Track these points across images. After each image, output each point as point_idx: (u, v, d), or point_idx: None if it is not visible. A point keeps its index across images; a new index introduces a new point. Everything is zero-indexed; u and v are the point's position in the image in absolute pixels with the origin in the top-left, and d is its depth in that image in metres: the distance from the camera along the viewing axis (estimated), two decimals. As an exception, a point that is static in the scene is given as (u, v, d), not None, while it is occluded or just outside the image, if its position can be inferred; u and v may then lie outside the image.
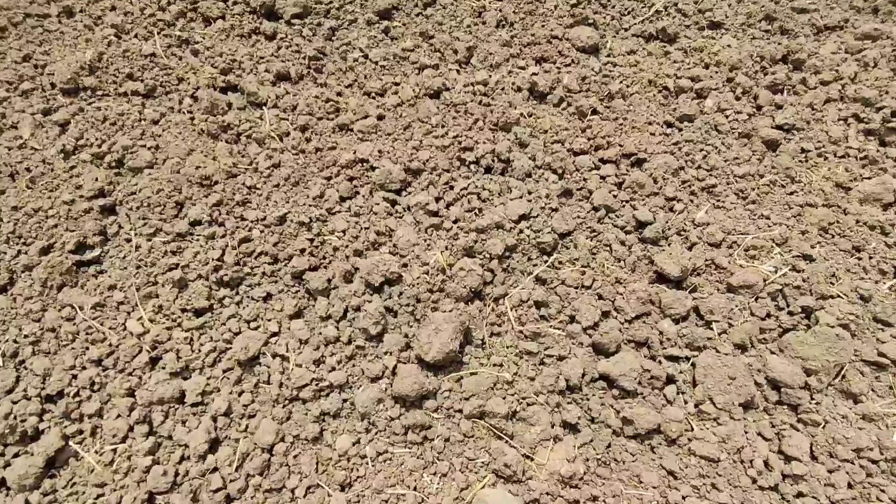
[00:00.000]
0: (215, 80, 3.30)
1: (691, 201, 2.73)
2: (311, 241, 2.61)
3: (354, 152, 2.89)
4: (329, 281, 2.48)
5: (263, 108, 3.16)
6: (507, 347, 2.29)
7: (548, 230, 2.52)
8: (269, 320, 2.42)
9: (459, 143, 2.89)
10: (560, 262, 2.49)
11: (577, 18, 3.64)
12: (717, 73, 3.29)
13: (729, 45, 3.42)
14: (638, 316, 2.33)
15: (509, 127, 3.01)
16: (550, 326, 2.30)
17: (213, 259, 2.54)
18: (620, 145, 2.91)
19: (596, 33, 3.51)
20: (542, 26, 3.63)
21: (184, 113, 3.15)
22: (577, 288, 2.40)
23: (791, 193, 2.75)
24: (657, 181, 2.76)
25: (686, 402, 2.08)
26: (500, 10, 3.77)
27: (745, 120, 3.05)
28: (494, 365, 2.23)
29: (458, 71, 3.42)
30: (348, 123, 3.07)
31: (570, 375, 2.13)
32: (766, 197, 2.73)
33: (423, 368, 2.21)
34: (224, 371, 2.28)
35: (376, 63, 3.45)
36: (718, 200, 2.73)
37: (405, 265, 2.47)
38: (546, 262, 2.50)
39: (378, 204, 2.69)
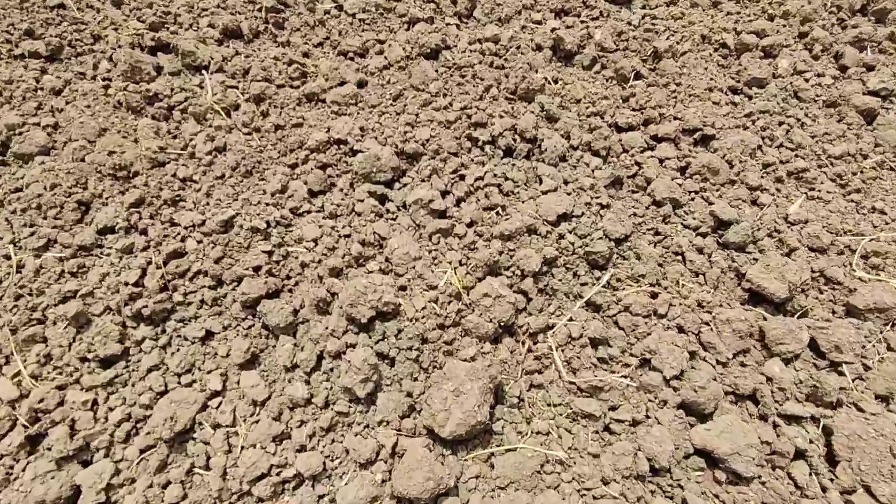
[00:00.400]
0: (142, 37, 2.49)
1: (778, 191, 2.06)
2: (270, 254, 1.87)
3: (328, 131, 2.14)
4: (296, 313, 1.75)
5: (204, 72, 2.37)
6: (555, 406, 1.61)
7: (598, 235, 1.83)
8: (209, 372, 1.68)
9: (469, 116, 2.16)
10: (619, 280, 1.81)
11: (604, -38, 2.91)
12: (785, 26, 2.61)
13: (793, -6, 2.74)
14: (735, 354, 1.66)
15: (532, 96, 2.29)
16: (616, 374, 1.61)
17: (128, 283, 1.78)
18: (678, 118, 2.22)
19: (630, -21, 2.79)
20: (562, -29, 2.89)
21: (97, 80, 2.34)
22: (646, 317, 1.71)
23: (902, 179, 2.12)
24: (732, 165, 2.08)
25: (826, 490, 1.43)
26: (508, -47, 3.02)
27: (830, 85, 2.39)
28: (538, 434, 1.54)
29: (458, 25, 2.67)
30: (319, 93, 2.31)
31: (655, 451, 1.45)
32: (874, 184, 2.08)
33: (438, 444, 1.52)
34: (141, 452, 1.55)
35: (353, 16, 2.67)
36: (813, 189, 2.07)
37: (404, 289, 1.76)
38: (599, 279, 1.81)
39: (362, 201, 1.95)
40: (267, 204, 1.96)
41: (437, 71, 2.39)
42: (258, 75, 2.33)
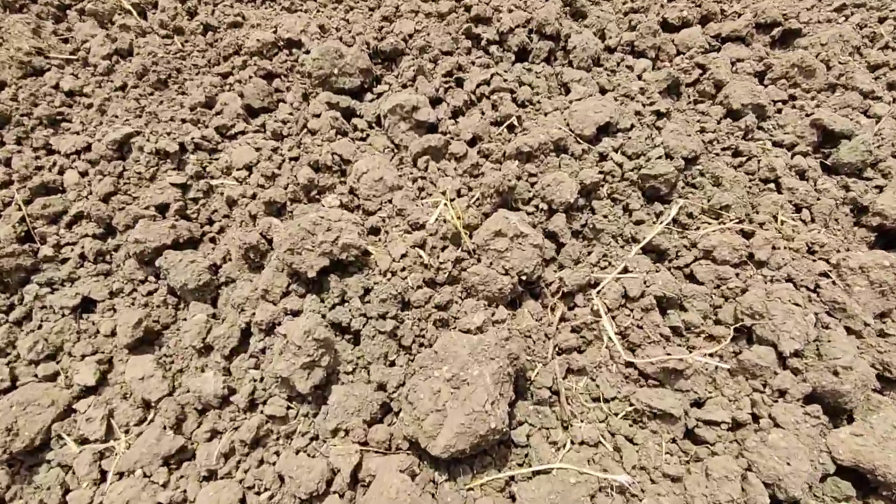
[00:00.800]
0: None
1: (894, 99, 1.49)
2: (184, 188, 1.29)
3: (275, 30, 1.56)
4: (214, 269, 1.18)
5: (113, -36, 1.78)
6: (607, 402, 1.04)
7: (657, 153, 1.25)
8: (81, 359, 1.11)
9: (467, 9, 1.58)
10: (691, 216, 1.24)
11: None
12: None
13: None
14: (876, 318, 1.10)
15: (550, -12, 1.71)
16: (699, 351, 1.05)
17: (-29, 232, 1.20)
18: (748, 13, 1.65)
19: None
20: None
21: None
22: (738, 265, 1.15)
23: None
24: (830, 66, 1.52)
25: None
26: None
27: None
28: (584, 445, 0.98)
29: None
30: (265, -14, 1.72)
31: (777, 473, 0.89)
32: None
33: (426, 465, 0.96)
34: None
35: None
36: (940, 98, 1.50)
37: (375, 232, 1.19)
38: (661, 214, 1.24)
39: (318, 116, 1.38)
40: (183, 121, 1.38)
41: (423, -40, 1.81)
42: (184, -35, 1.75)
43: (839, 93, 1.48)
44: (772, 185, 1.31)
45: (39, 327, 1.17)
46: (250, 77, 1.48)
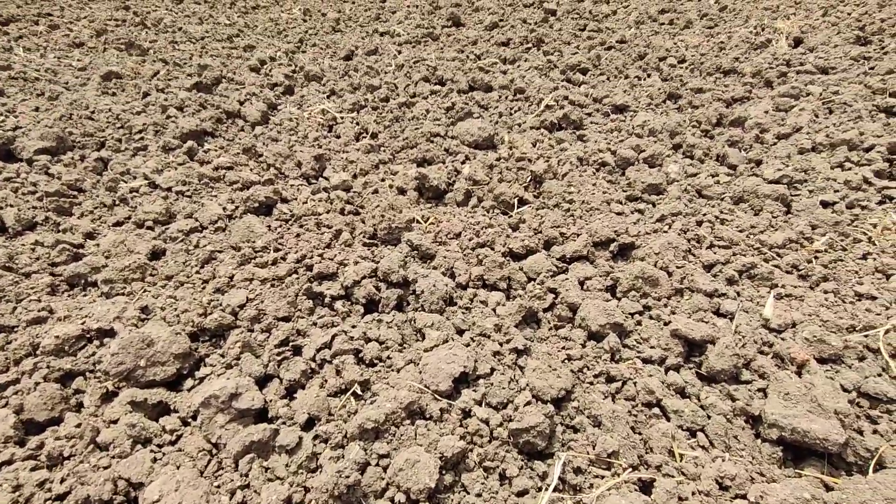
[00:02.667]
0: None
1: (738, 294, 1.53)
2: None
3: (83, 321, 1.36)
4: None
5: None
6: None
7: (524, 398, 1.09)
8: None
9: (309, 268, 1.52)
10: (579, 471, 1.03)
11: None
12: (656, 141, 2.46)
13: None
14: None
15: (397, 235, 1.74)
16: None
17: None
18: (584, 234, 1.75)
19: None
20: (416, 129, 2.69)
21: None
22: None
23: None
24: (670, 272, 1.57)
25: None
26: (357, 122, 2.81)
27: (728, 182, 2.13)
28: None
29: (301, 187, 2.20)
30: (87, 273, 1.58)
31: None
32: (839, 266, 1.65)
33: None
34: None
35: (169, 189, 2.12)
36: (775, 286, 1.57)
37: None
38: (546, 476, 1.02)
39: (115, 422, 1.10)
40: (-84, 465, 1.03)
41: (268, 227, 1.81)
42: (-9, 263, 1.58)
43: (687, 296, 1.49)
44: (656, 411, 1.17)
45: None
46: (37, 384, 1.21)
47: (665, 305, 1.47)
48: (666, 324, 1.37)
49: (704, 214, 1.91)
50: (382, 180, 2.25)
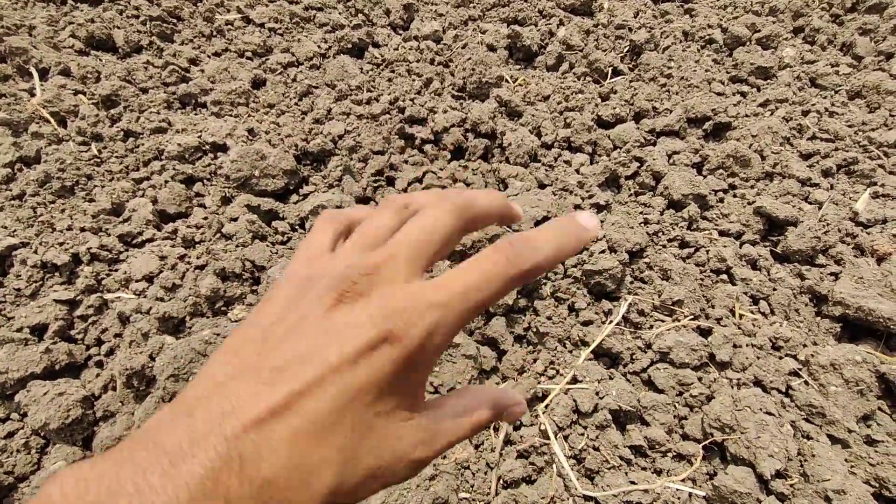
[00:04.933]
0: (-26, 48, 1.87)
1: (832, 187, 1.49)
2: (72, 305, 1.12)
3: (200, 134, 1.49)
4: (91, 402, 0.98)
5: (34, 73, 1.74)
6: None
7: (600, 247, 1.17)
8: None
9: (401, 111, 1.57)
10: (642, 313, 1.13)
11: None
12: (775, 22, 2.23)
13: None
14: (858, 421, 0.96)
15: (486, 91, 1.73)
16: (670, 479, 0.88)
17: None
18: (679, 108, 1.69)
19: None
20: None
21: None
22: (699, 367, 1.02)
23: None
24: (764, 155, 1.52)
25: None
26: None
27: (849, 74, 1.94)
28: None
29: (390, 35, 2.17)
30: (198, 94, 1.69)
31: None
32: (951, 173, 1.55)
33: None
34: None
35: (262, 25, 2.14)
36: (874, 183, 1.51)
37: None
38: (611, 312, 1.12)
39: (235, 219, 1.27)
40: (82, 229, 1.25)
41: (360, 69, 1.84)
42: (115, 75, 1.72)
43: (777, 181, 1.47)
44: (724, 277, 1.22)
45: None
46: (167, 182, 1.38)
47: (752, 187, 1.45)
48: (750, 203, 1.37)
49: (813, 105, 1.78)
50: (472, 36, 2.19)
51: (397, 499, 0.76)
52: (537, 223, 1.23)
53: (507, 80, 1.84)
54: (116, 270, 1.20)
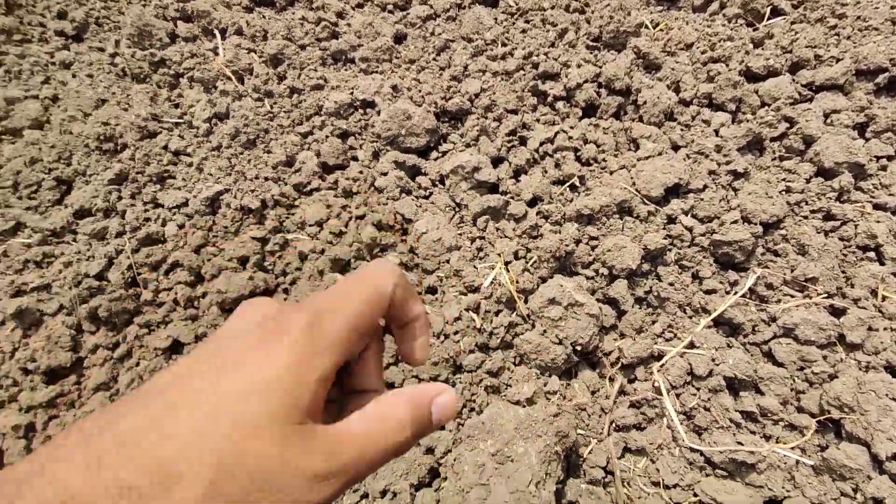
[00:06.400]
0: (166, 9, 2.20)
1: None
2: (263, 242, 1.41)
3: (351, 92, 1.67)
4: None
5: (218, 35, 2.01)
6: (668, 489, 0.97)
7: (733, 216, 1.17)
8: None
9: (535, 66, 1.60)
10: (771, 287, 1.14)
11: None
12: None
13: None
14: None
15: (623, 40, 1.68)
16: (776, 444, 0.95)
17: (89, 275, 1.39)
18: (847, 58, 1.52)
19: None
20: None
21: (105, 51, 2.06)
22: (826, 346, 1.04)
23: None
24: (948, 117, 1.34)
25: None
26: None
27: None
28: (639, 537, 0.92)
29: None
30: (347, 50, 1.85)
31: None
32: None
33: (467, 541, 0.94)
34: None
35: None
36: None
37: (432, 291, 1.21)
38: (736, 284, 1.15)
39: (385, 174, 1.45)
40: (266, 178, 1.51)
41: (495, 19, 1.86)
42: (279, 33, 1.93)
43: (959, 148, 1.30)
44: (871, 255, 1.17)
45: (137, 364, 1.31)
46: (327, 137, 1.59)
47: None
48: (918, 173, 1.25)
49: None
50: (609, -26, 2.07)
51: (528, 426, 0.93)
52: (668, 191, 1.25)
53: (646, 27, 1.76)
54: (293, 215, 1.45)
